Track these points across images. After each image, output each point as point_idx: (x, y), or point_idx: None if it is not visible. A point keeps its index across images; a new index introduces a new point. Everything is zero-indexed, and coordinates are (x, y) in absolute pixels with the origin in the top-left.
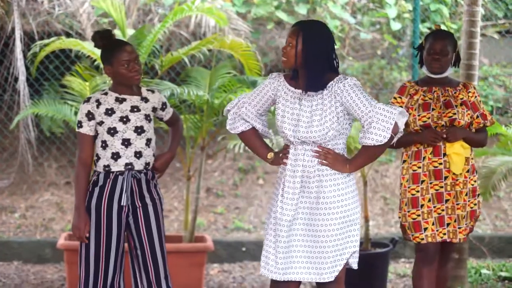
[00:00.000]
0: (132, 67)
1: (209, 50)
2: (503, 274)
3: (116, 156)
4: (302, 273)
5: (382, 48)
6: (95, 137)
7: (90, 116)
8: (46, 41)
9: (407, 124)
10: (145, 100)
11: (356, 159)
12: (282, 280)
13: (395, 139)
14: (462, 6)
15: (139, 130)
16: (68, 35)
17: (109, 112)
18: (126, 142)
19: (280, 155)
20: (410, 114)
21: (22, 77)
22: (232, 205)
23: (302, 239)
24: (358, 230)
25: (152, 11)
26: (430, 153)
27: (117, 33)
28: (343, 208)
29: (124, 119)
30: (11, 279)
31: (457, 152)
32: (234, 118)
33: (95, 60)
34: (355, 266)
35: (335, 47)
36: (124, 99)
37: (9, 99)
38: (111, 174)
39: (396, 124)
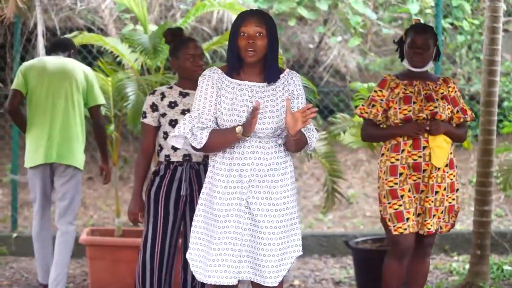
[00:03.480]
0: (196, 62)
1: None
2: None
3: (175, 147)
4: (245, 272)
5: None
6: (158, 128)
7: (154, 107)
8: (68, 36)
9: (387, 118)
10: None
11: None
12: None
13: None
14: (484, 1)
15: (173, 123)
16: (90, 30)
17: (172, 104)
18: None
19: (248, 119)
20: (390, 107)
21: None
22: None
23: (248, 239)
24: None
25: (174, 7)
26: (410, 146)
27: (139, 28)
28: (290, 210)
29: (186, 112)
30: (33, 274)
31: (440, 146)
32: (193, 134)
33: (117, 56)
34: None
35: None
36: (188, 94)
37: None
38: (171, 164)
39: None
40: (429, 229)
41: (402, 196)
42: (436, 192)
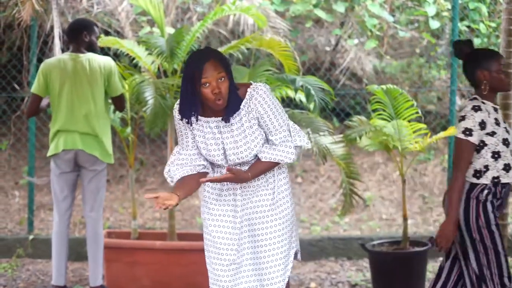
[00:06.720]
0: (506, 74)
1: (248, 49)
2: None
3: (508, 167)
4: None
5: (420, 46)
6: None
7: (482, 125)
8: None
9: None
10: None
11: (256, 170)
12: None
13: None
14: (501, 4)
15: (506, 142)
16: (106, 33)
17: (498, 122)
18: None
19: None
20: None
21: None
22: None
23: (250, 252)
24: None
25: (190, 9)
26: None
27: (156, 31)
28: (288, 211)
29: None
30: (50, 277)
31: None
32: (169, 170)
33: (133, 59)
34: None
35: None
36: (496, 109)
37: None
38: (497, 187)
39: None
40: None
41: None
42: None
